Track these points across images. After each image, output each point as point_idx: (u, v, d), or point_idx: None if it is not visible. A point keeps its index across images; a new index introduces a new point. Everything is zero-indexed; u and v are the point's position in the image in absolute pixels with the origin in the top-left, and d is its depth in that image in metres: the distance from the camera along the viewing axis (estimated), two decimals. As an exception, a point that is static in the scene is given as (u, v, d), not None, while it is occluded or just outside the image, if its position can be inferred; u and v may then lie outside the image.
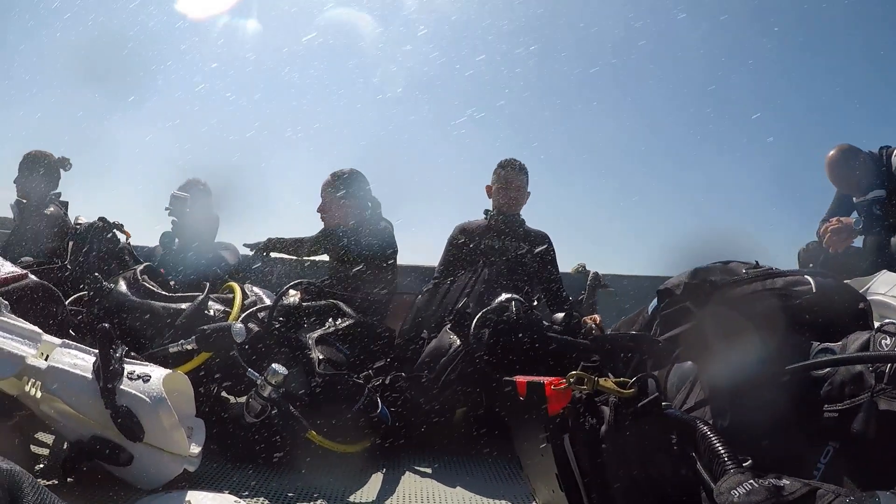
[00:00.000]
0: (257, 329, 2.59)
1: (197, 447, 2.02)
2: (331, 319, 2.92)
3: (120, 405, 1.80)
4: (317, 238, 4.91)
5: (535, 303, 3.00)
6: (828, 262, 4.28)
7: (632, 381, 1.59)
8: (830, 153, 4.66)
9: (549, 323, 2.92)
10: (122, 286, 2.61)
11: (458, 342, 2.66)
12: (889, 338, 1.60)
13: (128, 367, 1.90)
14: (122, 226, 4.04)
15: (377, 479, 2.31)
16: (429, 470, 2.45)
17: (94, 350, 1.90)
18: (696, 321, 2.12)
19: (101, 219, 3.89)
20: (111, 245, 3.82)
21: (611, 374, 2.01)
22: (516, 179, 4.37)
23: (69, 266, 3.52)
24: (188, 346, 2.26)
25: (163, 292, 2.66)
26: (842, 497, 1.17)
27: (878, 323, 1.76)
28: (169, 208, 4.86)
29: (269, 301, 2.87)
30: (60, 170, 4.93)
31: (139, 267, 2.82)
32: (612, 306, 4.86)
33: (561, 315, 3.00)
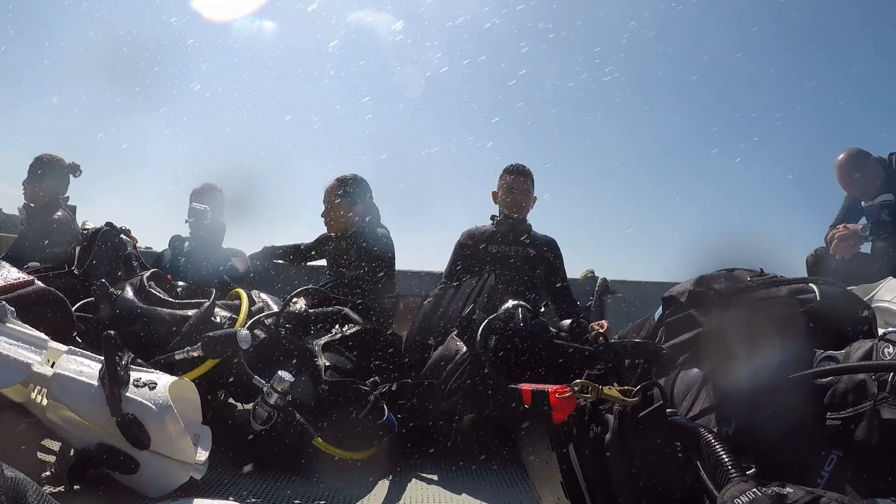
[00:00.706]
0: (264, 336, 2.59)
1: (203, 454, 2.02)
2: (337, 326, 2.92)
3: (126, 412, 1.80)
4: (316, 243, 4.93)
5: (542, 309, 2.99)
6: (836, 269, 4.27)
7: (636, 389, 1.59)
8: (840, 157, 4.67)
9: (556, 330, 2.92)
10: (129, 292, 2.61)
11: (464, 349, 2.66)
12: (892, 346, 1.60)
13: (134, 375, 1.91)
14: (129, 231, 4.04)
15: (383, 486, 2.31)
16: (435, 476, 2.45)
17: (101, 357, 1.90)
18: (701, 329, 2.12)
19: (109, 224, 3.89)
20: (118, 251, 3.83)
21: (616, 381, 2.02)
22: (521, 184, 4.35)
23: (76, 271, 3.52)
24: (194, 353, 2.26)
25: (169, 299, 2.65)
26: (845, 505, 1.17)
27: (882, 330, 1.76)
28: (189, 220, 4.87)
29: (275, 307, 2.87)
30: (70, 175, 4.93)
31: (146, 273, 2.82)
32: (620, 312, 4.85)
33: (567, 322, 2.99)
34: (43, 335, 1.97)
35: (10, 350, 1.84)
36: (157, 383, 1.90)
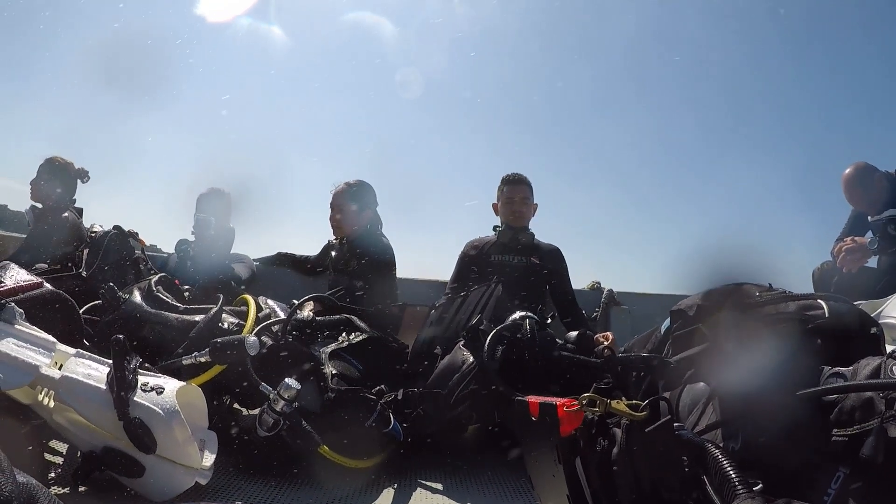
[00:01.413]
0: (271, 342, 2.59)
1: (209, 460, 2.02)
2: (344, 334, 2.92)
3: (133, 417, 1.81)
4: (321, 256, 4.95)
5: (549, 320, 2.99)
6: (842, 282, 4.27)
7: (644, 403, 1.59)
8: (847, 171, 4.66)
9: (563, 341, 2.92)
10: (137, 297, 2.61)
11: (470, 359, 2.66)
12: (899, 364, 1.60)
13: (141, 379, 1.91)
14: (137, 234, 4.05)
15: (388, 495, 2.32)
16: (440, 486, 2.46)
17: (108, 360, 1.91)
18: (709, 343, 2.12)
19: (117, 227, 3.90)
20: (126, 254, 3.83)
21: (623, 394, 2.01)
22: (520, 193, 4.36)
23: (84, 274, 3.52)
24: (202, 359, 2.25)
25: (177, 304, 2.65)
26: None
27: (890, 347, 1.76)
28: (194, 231, 4.86)
29: (282, 314, 2.87)
30: (78, 180, 4.93)
31: (154, 277, 2.82)
32: (625, 324, 4.85)
33: (574, 334, 2.99)
34: (51, 338, 1.98)
35: (19, 352, 1.85)
36: (164, 388, 1.91)
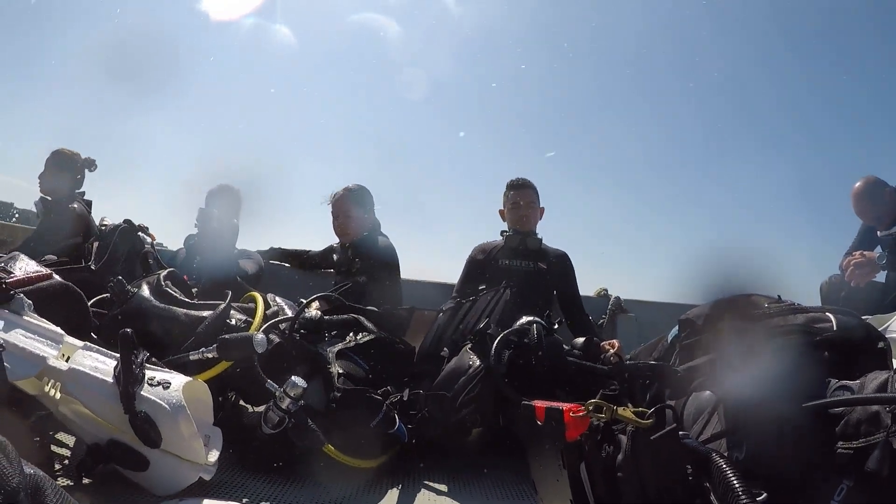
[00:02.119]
0: (278, 340, 2.59)
1: (213, 456, 2.03)
2: (351, 334, 2.93)
3: (139, 411, 1.81)
4: (323, 255, 4.96)
5: (556, 326, 2.98)
6: (850, 296, 4.26)
7: (650, 411, 1.59)
8: (856, 185, 4.66)
9: (570, 347, 2.92)
10: (146, 291, 2.61)
11: (477, 362, 2.66)
12: (907, 379, 1.60)
13: (148, 373, 1.91)
14: (147, 228, 4.05)
15: (392, 496, 2.32)
16: (444, 488, 2.46)
17: (116, 354, 1.91)
18: (716, 353, 2.12)
19: (127, 221, 3.90)
20: (136, 248, 3.84)
21: (629, 401, 2.01)
22: (525, 197, 4.39)
23: (93, 267, 3.53)
24: (209, 355, 2.26)
25: (185, 299, 2.65)
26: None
27: (896, 362, 1.76)
28: (197, 223, 4.86)
29: (290, 312, 2.87)
30: (86, 170, 4.94)
31: (163, 272, 2.82)
32: (632, 332, 4.84)
33: (581, 340, 2.99)
34: (59, 329, 1.99)
35: (26, 343, 1.86)
36: (171, 383, 1.91)
